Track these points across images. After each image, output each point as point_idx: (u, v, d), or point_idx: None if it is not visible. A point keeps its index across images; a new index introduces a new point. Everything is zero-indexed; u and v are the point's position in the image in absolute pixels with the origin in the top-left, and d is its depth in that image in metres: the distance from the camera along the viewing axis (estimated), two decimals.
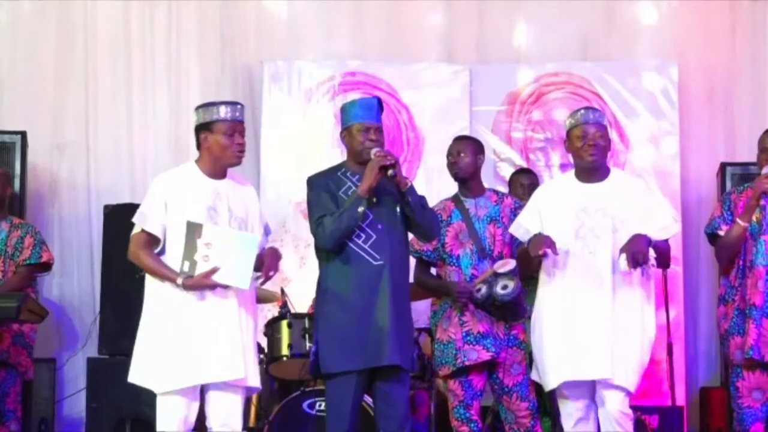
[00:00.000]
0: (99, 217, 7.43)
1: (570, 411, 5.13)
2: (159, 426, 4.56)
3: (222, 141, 4.68)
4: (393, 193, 4.89)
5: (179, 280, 4.52)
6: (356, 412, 4.84)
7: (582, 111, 5.18)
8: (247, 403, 5.92)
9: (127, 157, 7.90)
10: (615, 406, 4.97)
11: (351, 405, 4.79)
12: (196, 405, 4.61)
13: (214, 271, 4.49)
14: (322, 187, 4.92)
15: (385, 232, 4.84)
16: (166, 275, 4.56)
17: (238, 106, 4.77)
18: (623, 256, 4.86)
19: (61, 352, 7.56)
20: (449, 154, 5.55)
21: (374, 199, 4.84)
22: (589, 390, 5.07)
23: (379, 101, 4.99)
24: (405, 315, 4.91)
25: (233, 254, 4.53)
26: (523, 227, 5.17)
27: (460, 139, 5.68)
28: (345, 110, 5.01)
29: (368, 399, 5.81)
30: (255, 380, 4.70)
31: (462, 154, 5.48)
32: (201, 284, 4.51)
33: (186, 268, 4.52)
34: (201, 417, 4.68)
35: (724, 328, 5.25)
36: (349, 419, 4.79)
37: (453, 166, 5.53)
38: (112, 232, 7.12)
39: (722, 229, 5.28)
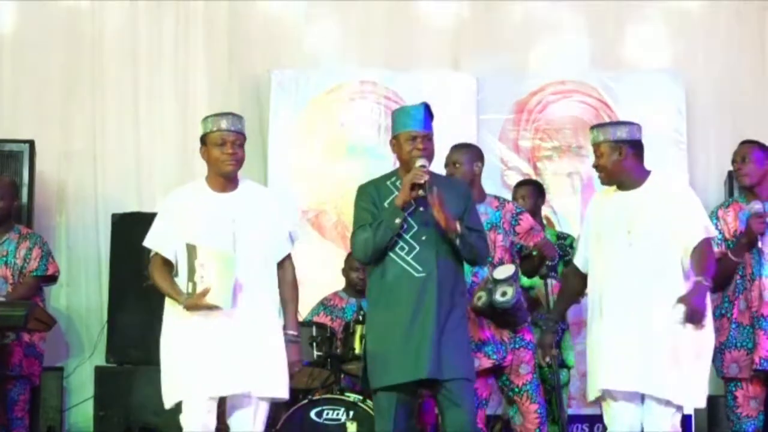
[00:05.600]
0: (107, 226, 7.43)
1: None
2: None
3: (213, 152, 4.71)
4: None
5: (181, 300, 4.56)
6: (401, 428, 4.69)
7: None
8: None
9: (134, 166, 7.91)
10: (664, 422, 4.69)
11: (392, 421, 4.67)
12: (205, 414, 4.58)
13: (204, 292, 4.49)
14: (365, 197, 4.85)
15: (430, 243, 4.70)
16: (173, 297, 4.61)
17: (231, 117, 4.75)
18: (680, 307, 4.53)
19: (69, 360, 7.56)
20: (446, 164, 5.44)
21: (420, 209, 4.73)
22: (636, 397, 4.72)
23: (427, 107, 4.84)
24: (454, 328, 4.70)
25: (217, 274, 4.51)
26: (583, 257, 4.92)
27: (455, 148, 5.54)
28: (393, 118, 4.92)
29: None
30: (265, 390, 4.67)
31: (457, 165, 5.39)
32: (195, 305, 4.53)
33: (189, 289, 4.54)
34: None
35: (720, 342, 5.16)
36: None
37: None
38: (120, 241, 7.13)
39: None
